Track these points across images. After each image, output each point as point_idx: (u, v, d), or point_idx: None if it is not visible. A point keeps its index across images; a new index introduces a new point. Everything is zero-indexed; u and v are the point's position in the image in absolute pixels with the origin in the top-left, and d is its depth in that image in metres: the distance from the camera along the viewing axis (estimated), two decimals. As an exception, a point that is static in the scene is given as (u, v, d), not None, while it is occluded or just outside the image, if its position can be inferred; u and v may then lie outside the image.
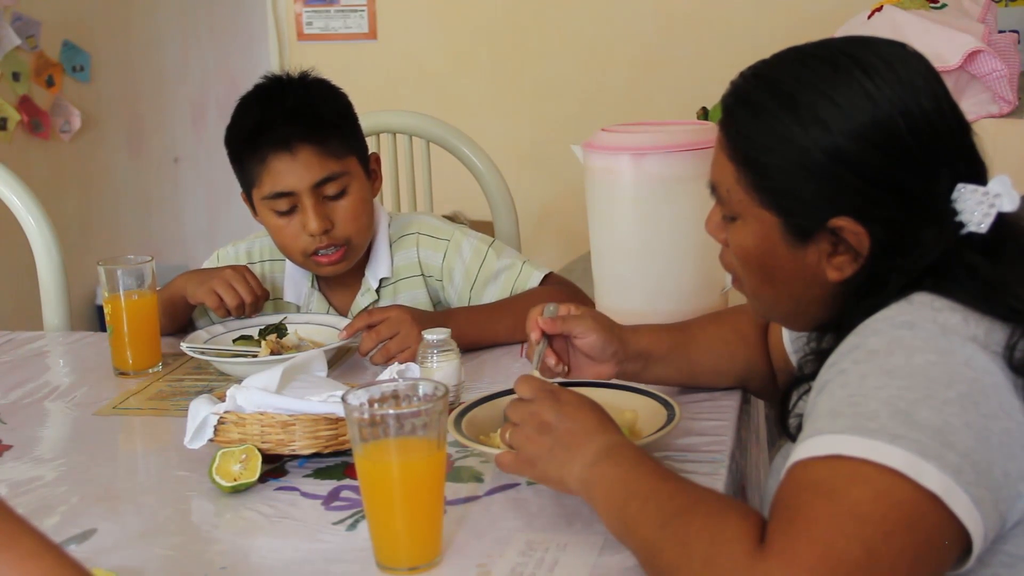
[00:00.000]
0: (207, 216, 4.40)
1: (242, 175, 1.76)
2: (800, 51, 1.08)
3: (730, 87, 1.11)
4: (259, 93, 1.77)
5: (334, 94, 1.80)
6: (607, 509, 1.04)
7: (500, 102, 4.11)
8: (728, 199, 1.11)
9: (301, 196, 1.69)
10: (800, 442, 0.95)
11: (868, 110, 1.01)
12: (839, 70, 1.03)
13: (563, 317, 1.37)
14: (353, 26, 4.23)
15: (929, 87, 1.04)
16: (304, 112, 1.70)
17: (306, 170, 1.68)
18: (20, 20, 3.52)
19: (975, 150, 1.06)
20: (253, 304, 1.75)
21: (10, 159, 2.99)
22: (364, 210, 1.75)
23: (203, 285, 1.75)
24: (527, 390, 1.15)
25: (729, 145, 1.10)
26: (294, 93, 1.75)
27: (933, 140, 1.02)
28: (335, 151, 1.70)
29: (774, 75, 1.07)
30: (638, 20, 3.93)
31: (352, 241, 1.75)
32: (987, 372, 0.94)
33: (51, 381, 1.68)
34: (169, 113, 4.27)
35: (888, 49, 1.05)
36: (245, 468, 1.23)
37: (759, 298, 1.16)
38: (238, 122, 1.75)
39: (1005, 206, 1.01)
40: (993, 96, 2.29)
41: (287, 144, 1.68)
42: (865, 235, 1.03)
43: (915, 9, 2.41)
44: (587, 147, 1.59)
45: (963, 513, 0.88)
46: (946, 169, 1.02)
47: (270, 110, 1.72)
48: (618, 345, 1.39)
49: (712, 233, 1.19)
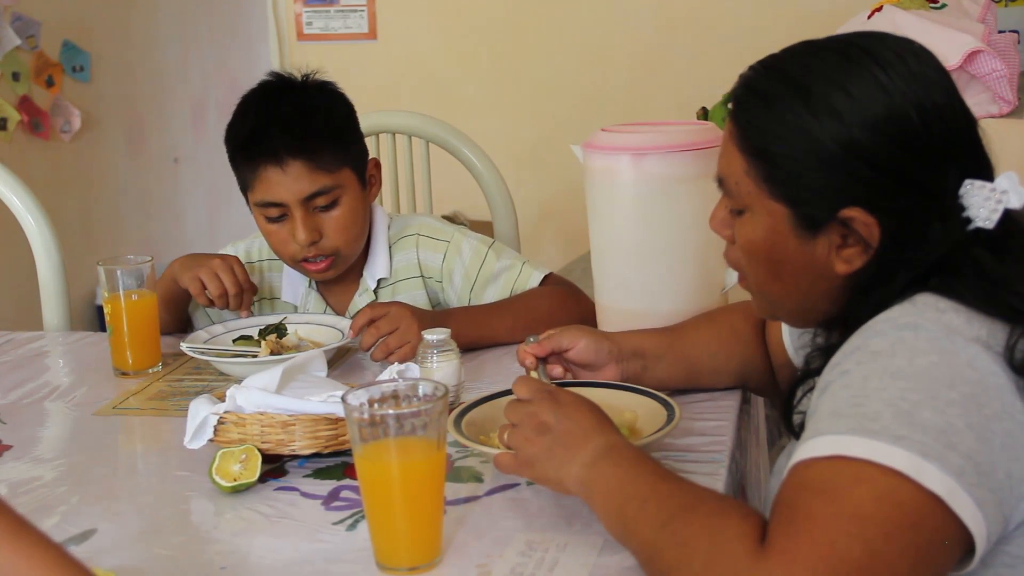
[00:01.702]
0: (207, 216, 4.40)
1: (238, 176, 1.76)
2: (812, 44, 1.08)
3: (740, 79, 1.11)
4: (258, 96, 1.76)
5: (334, 101, 1.77)
6: (606, 510, 1.04)
7: (500, 102, 4.11)
8: (737, 192, 1.11)
9: (291, 207, 1.69)
10: (802, 442, 0.95)
11: (882, 101, 1.01)
12: (852, 62, 1.03)
13: (548, 336, 1.39)
14: (353, 26, 4.23)
15: (941, 82, 1.04)
16: (298, 124, 1.69)
17: (296, 183, 1.68)
18: (20, 20, 3.52)
19: (982, 147, 1.06)
20: (237, 296, 1.73)
21: (10, 159, 2.99)
22: (354, 221, 1.74)
23: (190, 271, 1.73)
24: (526, 391, 1.15)
25: (740, 136, 1.09)
26: (292, 100, 1.73)
27: (944, 134, 1.02)
28: (327, 165, 1.69)
29: (786, 66, 1.07)
30: (638, 20, 3.93)
31: (341, 252, 1.74)
32: (990, 373, 0.94)
33: (51, 381, 1.68)
34: (169, 113, 4.27)
35: (899, 43, 1.06)
36: (245, 468, 1.23)
37: (765, 294, 1.16)
38: (235, 125, 1.74)
39: (1012, 202, 1.01)
40: (993, 96, 2.29)
41: (278, 157, 1.67)
42: (876, 226, 1.03)
43: (915, 9, 2.41)
44: (587, 147, 1.59)
45: (966, 514, 0.88)
46: (955, 164, 1.02)
47: (264, 118, 1.70)
48: (611, 344, 1.40)
49: (717, 230, 1.19)
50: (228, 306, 1.74)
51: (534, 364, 1.38)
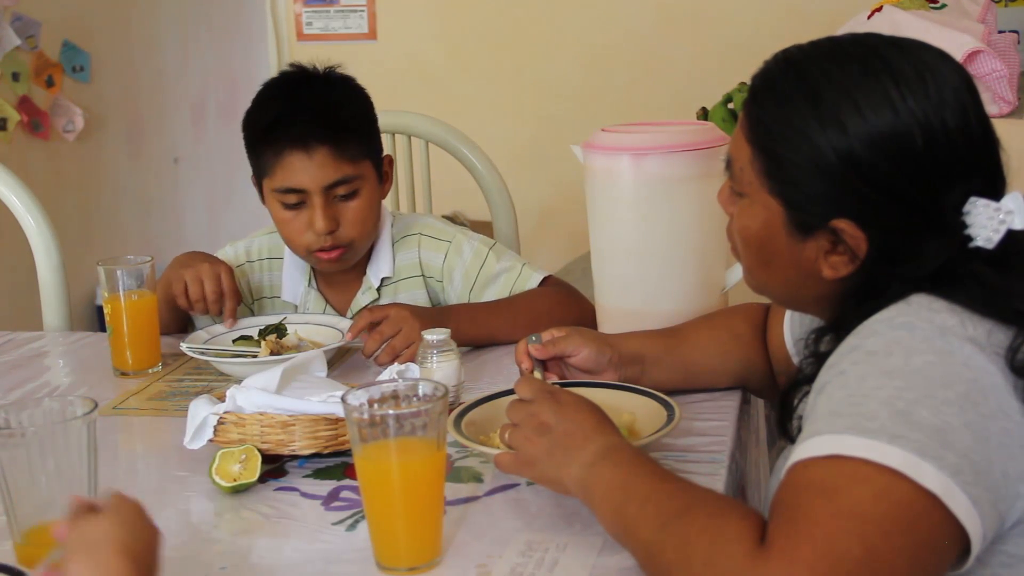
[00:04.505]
0: (207, 216, 4.40)
1: (255, 162, 1.75)
2: (836, 44, 1.07)
3: (762, 67, 1.11)
4: (283, 83, 1.77)
5: (357, 94, 1.79)
6: (605, 510, 1.04)
7: (500, 102, 4.10)
8: (740, 177, 1.12)
9: (312, 195, 1.69)
10: (800, 442, 0.95)
11: (888, 119, 1.01)
12: (868, 73, 1.02)
13: (551, 340, 1.39)
14: (353, 26, 4.23)
15: (959, 102, 1.02)
16: (326, 111, 1.70)
17: (320, 171, 1.68)
18: (20, 20, 3.51)
19: (998, 166, 1.05)
20: (216, 303, 1.71)
21: (10, 159, 2.99)
22: (371, 214, 1.75)
23: (178, 271, 1.73)
24: (527, 391, 1.15)
25: (749, 128, 1.10)
26: (318, 90, 1.74)
27: (950, 155, 1.01)
28: (351, 154, 1.70)
29: (805, 66, 1.07)
30: (638, 20, 3.93)
31: (355, 243, 1.75)
32: (986, 373, 0.94)
33: (51, 381, 1.68)
34: (169, 113, 4.26)
35: (926, 57, 1.04)
36: (245, 468, 1.23)
37: (753, 276, 1.18)
38: (258, 110, 1.74)
39: (1016, 224, 1.00)
40: (993, 96, 2.29)
41: (304, 142, 1.67)
42: (864, 239, 1.03)
43: (915, 9, 2.41)
44: (587, 147, 1.59)
45: (961, 512, 0.89)
46: (960, 183, 1.01)
47: (292, 104, 1.71)
48: (611, 351, 1.40)
49: (722, 204, 1.19)
50: (207, 312, 1.73)
51: (530, 367, 1.38)
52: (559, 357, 1.40)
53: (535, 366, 1.39)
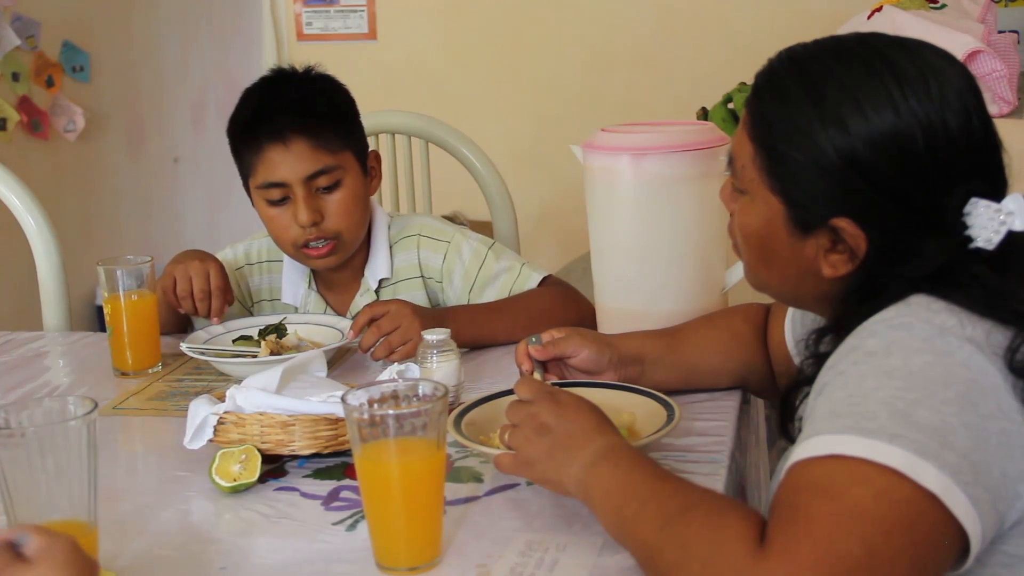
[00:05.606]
0: (207, 216, 4.40)
1: (240, 164, 1.77)
2: (840, 43, 1.08)
3: (766, 65, 1.11)
4: (262, 84, 1.79)
5: (335, 88, 1.80)
6: (605, 511, 1.04)
7: (500, 102, 4.10)
8: (742, 174, 1.12)
9: (293, 187, 1.70)
10: (800, 442, 0.95)
11: (890, 119, 1.01)
12: (871, 73, 1.03)
13: (551, 342, 1.39)
14: (353, 26, 4.23)
15: (961, 103, 1.02)
16: (301, 104, 1.72)
17: (299, 162, 1.69)
18: (20, 20, 3.52)
19: (999, 167, 1.05)
20: (203, 302, 1.69)
21: (10, 159, 2.98)
22: (356, 206, 1.75)
23: (172, 266, 1.73)
24: (527, 391, 1.15)
25: (751, 125, 1.10)
26: (295, 86, 1.77)
27: (952, 156, 1.01)
28: (329, 144, 1.71)
29: (808, 65, 1.07)
30: (637, 20, 3.93)
31: (343, 236, 1.75)
32: (985, 373, 0.94)
33: (51, 381, 1.68)
34: (169, 113, 4.27)
35: (930, 58, 1.04)
36: (245, 468, 1.23)
37: (754, 273, 1.18)
38: (238, 112, 1.77)
39: (1017, 225, 1.00)
40: (993, 96, 2.29)
41: (281, 135, 1.69)
42: (863, 239, 1.03)
43: (915, 9, 2.41)
44: (587, 147, 1.59)
45: (960, 512, 0.89)
46: (961, 184, 1.01)
47: (268, 101, 1.73)
48: (611, 352, 1.40)
49: (724, 201, 1.20)
50: (194, 310, 1.71)
51: (530, 368, 1.38)
52: (559, 358, 1.40)
53: (535, 367, 1.39)
